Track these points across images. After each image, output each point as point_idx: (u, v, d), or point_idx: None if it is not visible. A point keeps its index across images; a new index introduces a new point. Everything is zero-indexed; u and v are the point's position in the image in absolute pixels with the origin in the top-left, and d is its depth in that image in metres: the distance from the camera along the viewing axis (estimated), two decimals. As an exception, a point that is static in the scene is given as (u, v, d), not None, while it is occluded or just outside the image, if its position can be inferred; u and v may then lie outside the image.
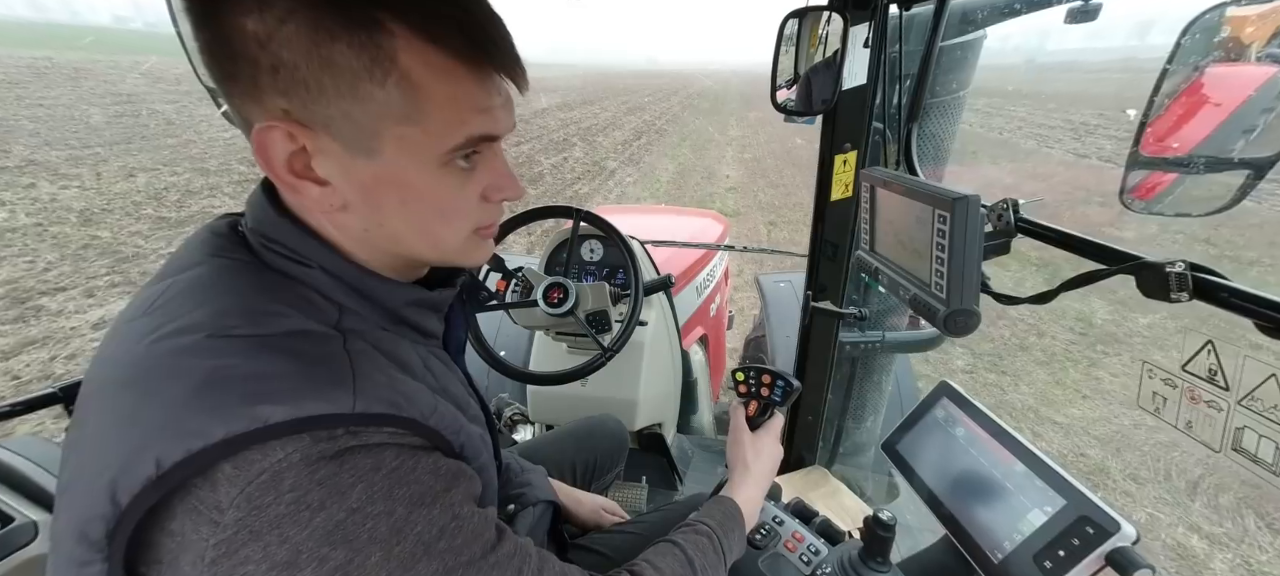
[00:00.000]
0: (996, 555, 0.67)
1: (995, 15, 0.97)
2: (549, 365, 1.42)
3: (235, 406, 0.33)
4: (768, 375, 0.78)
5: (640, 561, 0.55)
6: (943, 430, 0.81)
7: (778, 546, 0.76)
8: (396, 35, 0.36)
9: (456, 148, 0.40)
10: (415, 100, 0.37)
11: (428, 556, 0.36)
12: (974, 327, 0.65)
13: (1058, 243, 0.66)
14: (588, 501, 0.93)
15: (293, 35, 0.35)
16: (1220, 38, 0.54)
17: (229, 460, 0.32)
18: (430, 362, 0.47)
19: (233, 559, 0.32)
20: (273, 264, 0.42)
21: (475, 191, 0.44)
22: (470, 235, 0.46)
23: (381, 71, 0.36)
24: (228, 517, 0.32)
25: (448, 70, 0.38)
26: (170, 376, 0.34)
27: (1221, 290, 0.49)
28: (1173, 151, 0.59)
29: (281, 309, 0.39)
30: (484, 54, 0.39)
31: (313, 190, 0.40)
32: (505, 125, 0.43)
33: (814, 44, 0.93)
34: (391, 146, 0.39)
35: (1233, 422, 0.49)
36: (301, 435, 0.34)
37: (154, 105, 12.17)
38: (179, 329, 0.36)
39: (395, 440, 0.37)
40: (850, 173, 1.00)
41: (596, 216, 1.26)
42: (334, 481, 0.34)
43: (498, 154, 0.45)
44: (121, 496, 0.32)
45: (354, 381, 0.37)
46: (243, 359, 0.35)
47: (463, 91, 0.39)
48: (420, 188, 0.41)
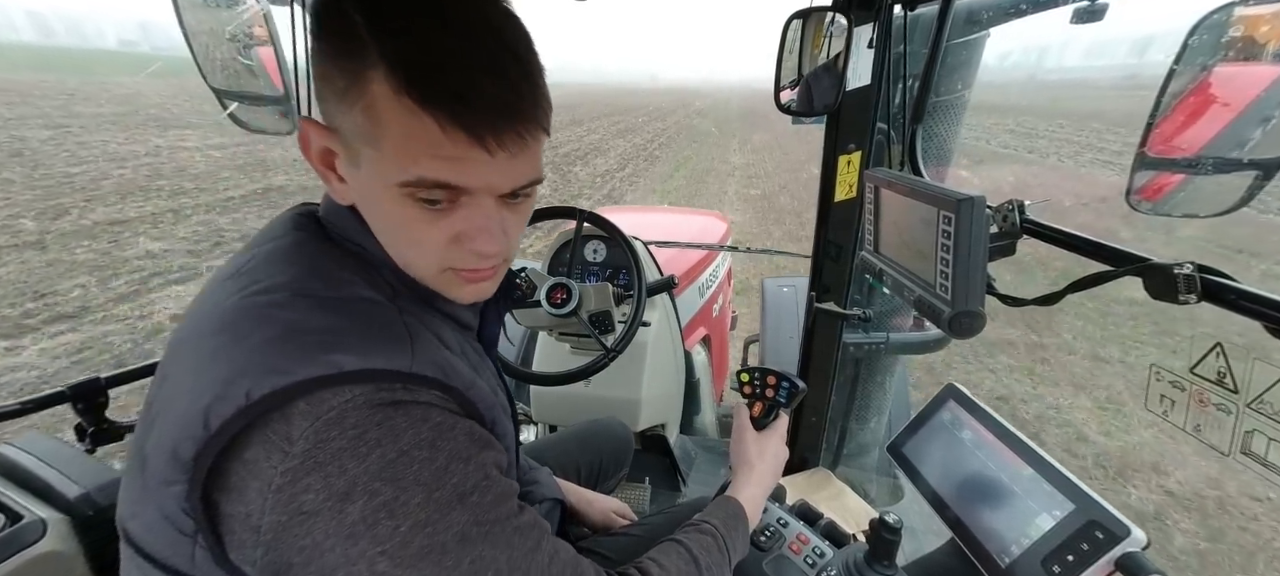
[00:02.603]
0: (1004, 559, 0.66)
1: (1000, 15, 0.97)
2: (552, 365, 1.42)
3: (314, 353, 0.37)
4: (772, 376, 0.78)
5: (645, 559, 0.55)
6: (949, 433, 0.81)
7: (782, 548, 0.76)
8: (377, 67, 0.39)
9: (407, 184, 0.41)
10: (376, 127, 0.40)
11: (461, 506, 0.39)
12: (979, 329, 0.64)
13: (1064, 244, 0.65)
14: (598, 503, 0.93)
15: (317, 51, 0.42)
16: (1229, 37, 0.54)
17: (304, 398, 0.37)
18: (465, 349, 0.51)
19: (296, 486, 0.36)
20: (340, 243, 0.48)
21: (445, 232, 0.44)
22: (443, 272, 0.47)
23: (354, 96, 0.40)
24: (297, 448, 0.36)
25: (410, 110, 0.39)
26: (259, 324, 0.39)
27: (1229, 292, 0.48)
28: (1180, 152, 0.59)
29: (351, 277, 0.44)
30: (451, 109, 0.39)
31: (336, 183, 0.46)
32: (478, 181, 0.42)
33: (817, 45, 0.93)
34: (365, 163, 0.42)
35: (1242, 426, 0.48)
36: (366, 383, 0.38)
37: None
38: (265, 288, 0.42)
39: (441, 402, 0.42)
40: (854, 173, 0.99)
41: (600, 217, 1.27)
42: (390, 424, 0.38)
43: (480, 205, 0.44)
44: (213, 421, 0.36)
45: (412, 346, 0.42)
46: (320, 315, 0.40)
47: (421, 132, 0.39)
48: (386, 208, 0.44)
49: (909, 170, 0.92)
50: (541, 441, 1.08)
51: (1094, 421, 2.86)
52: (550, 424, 1.56)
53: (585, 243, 1.52)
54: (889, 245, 0.82)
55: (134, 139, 10.53)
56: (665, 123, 20.83)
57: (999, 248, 0.69)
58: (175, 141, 10.59)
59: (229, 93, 0.84)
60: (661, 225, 2.39)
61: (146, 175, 7.74)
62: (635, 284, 1.22)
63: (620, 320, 1.25)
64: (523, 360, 1.77)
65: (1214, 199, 0.58)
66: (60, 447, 0.82)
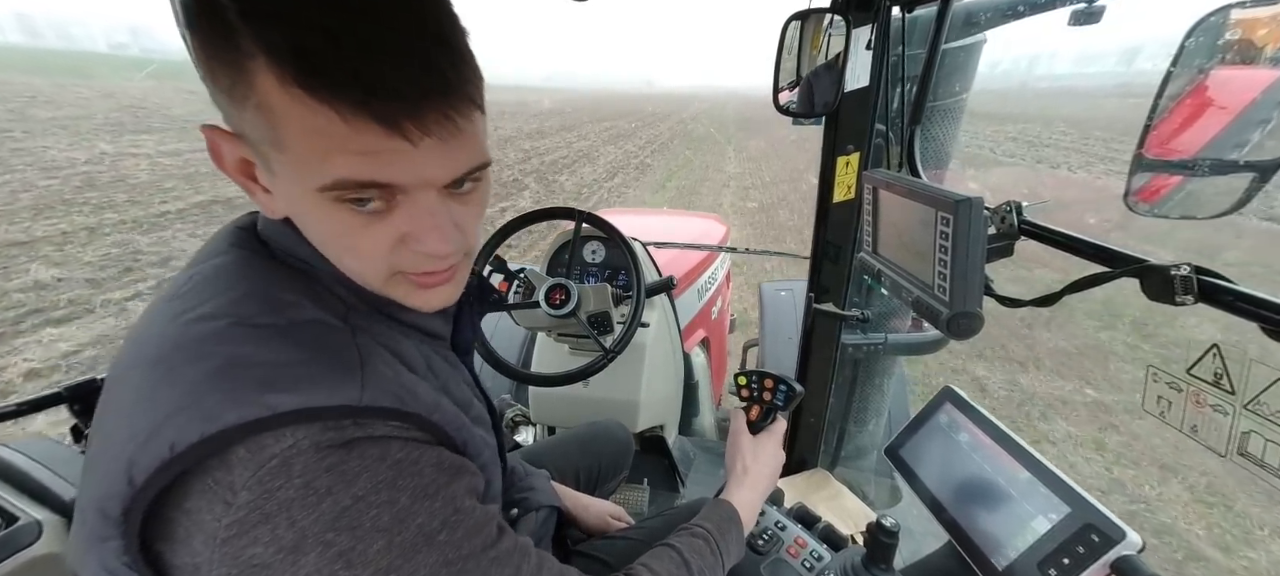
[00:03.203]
0: (1000, 562, 0.66)
1: (998, 17, 0.97)
2: (551, 366, 1.42)
3: (249, 392, 0.34)
4: (770, 379, 0.77)
5: (637, 565, 0.55)
6: (946, 436, 0.81)
7: (780, 552, 0.76)
8: (257, 57, 0.33)
9: (326, 188, 0.35)
10: (275, 127, 0.34)
11: (428, 547, 0.37)
12: (977, 330, 0.64)
13: (1061, 245, 0.65)
14: (595, 507, 0.93)
15: (197, 49, 0.35)
16: (1226, 39, 0.54)
17: (243, 443, 0.33)
18: (433, 362, 0.47)
19: (243, 538, 0.33)
20: (282, 258, 0.43)
21: (386, 237, 0.39)
22: (393, 277, 0.42)
23: (241, 93, 0.34)
24: (241, 498, 0.33)
25: (305, 103, 0.33)
26: (191, 359, 0.35)
27: (1226, 293, 0.48)
28: (1177, 154, 0.59)
29: (294, 298, 0.40)
30: (350, 96, 0.33)
31: (261, 195, 0.40)
32: (407, 175, 0.37)
33: (816, 46, 0.93)
34: (278, 168, 0.37)
35: (1238, 427, 0.48)
36: (311, 423, 0.35)
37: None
38: (202, 315, 0.37)
39: (400, 433, 0.38)
40: (852, 174, 0.99)
41: (599, 218, 1.27)
42: (341, 469, 0.35)
43: (420, 202, 0.39)
44: (137, 475, 0.33)
45: (362, 373, 0.38)
46: (259, 347, 0.36)
47: (324, 127, 0.34)
48: (314, 217, 0.39)
49: (907, 172, 0.92)
50: (540, 444, 1.08)
51: (1199, 523, 2.18)
52: (549, 425, 1.56)
53: (584, 243, 1.52)
54: (887, 246, 0.82)
55: (78, 145, 9.65)
56: (658, 129, 20.04)
57: (997, 249, 0.69)
58: (126, 148, 9.77)
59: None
60: (660, 226, 2.39)
61: (76, 187, 6.94)
62: (634, 285, 1.22)
63: (619, 321, 1.25)
64: (521, 361, 1.77)
65: (1211, 201, 0.58)
66: (56, 449, 0.82)
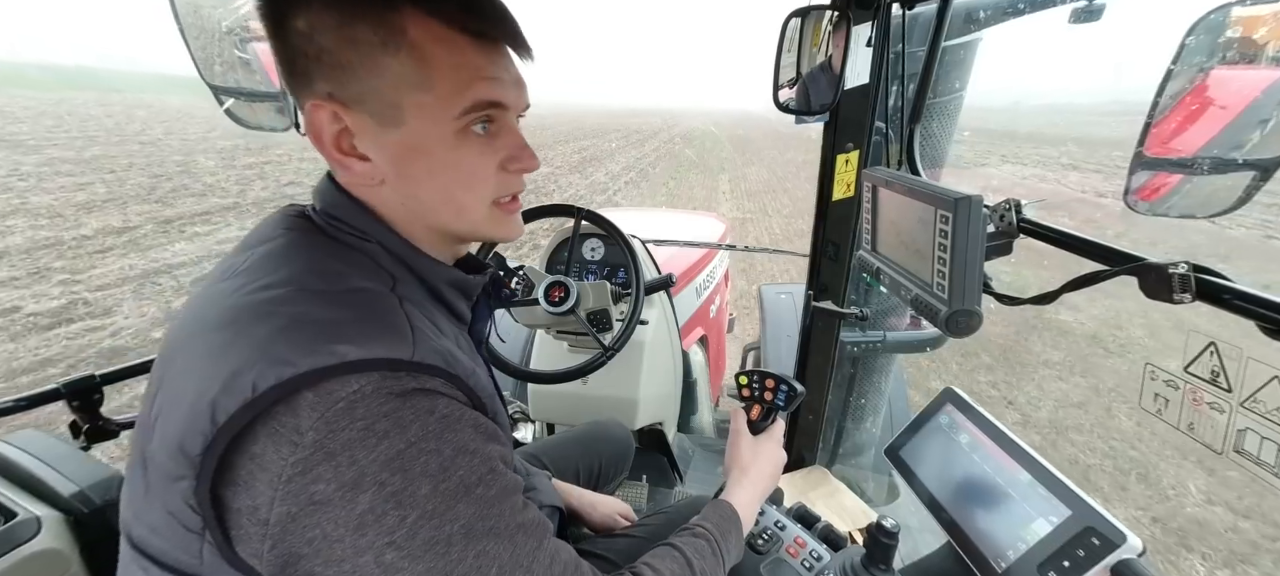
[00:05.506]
0: (1000, 564, 0.66)
1: (998, 15, 0.97)
2: (550, 364, 1.42)
3: (318, 343, 0.38)
4: (771, 379, 0.77)
5: (640, 564, 0.55)
6: (946, 436, 0.81)
7: (779, 551, 0.76)
8: (405, 12, 0.42)
9: (466, 110, 0.45)
10: (425, 68, 0.43)
11: (468, 497, 0.40)
12: (976, 328, 0.65)
13: (1060, 243, 0.65)
14: (602, 505, 0.93)
15: (328, 23, 0.42)
16: (1226, 38, 0.54)
17: (312, 389, 0.37)
18: (460, 341, 0.51)
19: (307, 476, 0.36)
20: (337, 236, 0.48)
21: (493, 161, 0.49)
22: (492, 207, 0.51)
23: (394, 43, 0.42)
24: (307, 438, 0.36)
25: (451, 40, 0.43)
26: (261, 318, 0.40)
27: (1224, 292, 0.48)
28: (1177, 153, 0.59)
29: (348, 270, 0.45)
30: (483, 26, 0.45)
31: (357, 166, 0.46)
32: (514, 98, 0.48)
33: (816, 43, 0.93)
34: (412, 115, 0.44)
35: (1235, 424, 0.48)
36: (372, 372, 0.38)
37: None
38: (264, 285, 0.42)
39: (446, 390, 0.42)
40: (852, 172, 0.99)
41: (598, 215, 1.27)
42: (397, 415, 0.38)
43: (512, 128, 0.50)
44: (220, 415, 0.36)
45: (412, 334, 0.42)
46: (321, 307, 0.41)
47: (466, 60, 0.44)
48: (442, 155, 0.46)
49: (907, 169, 0.92)
50: (540, 443, 1.08)
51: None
52: (548, 422, 1.56)
53: (583, 241, 1.52)
54: (887, 244, 0.82)
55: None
56: (642, 150, 17.50)
57: (996, 247, 0.69)
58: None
59: (225, 88, 0.84)
60: (659, 224, 2.39)
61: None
62: (633, 282, 1.22)
63: (618, 319, 1.25)
64: (520, 358, 1.77)
65: (1211, 200, 0.58)
66: (55, 444, 0.82)
